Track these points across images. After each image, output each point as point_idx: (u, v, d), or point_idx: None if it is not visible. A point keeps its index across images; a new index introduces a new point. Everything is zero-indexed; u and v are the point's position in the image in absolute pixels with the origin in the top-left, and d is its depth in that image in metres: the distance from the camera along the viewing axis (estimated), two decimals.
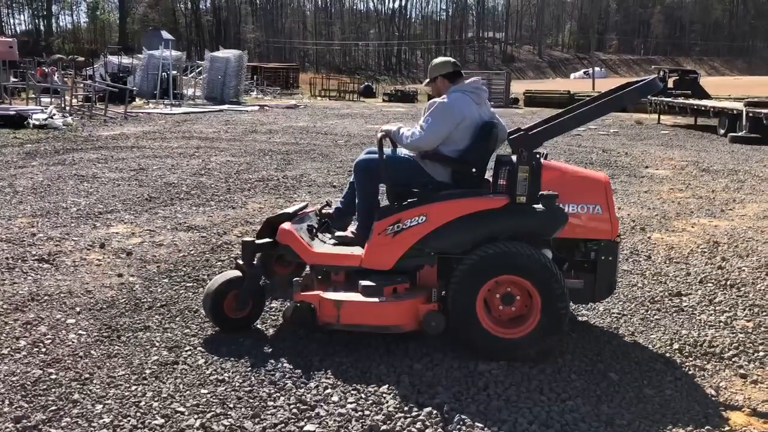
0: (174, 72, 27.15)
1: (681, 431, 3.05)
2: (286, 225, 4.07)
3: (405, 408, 3.13)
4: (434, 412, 3.09)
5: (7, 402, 3.11)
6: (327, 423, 3.01)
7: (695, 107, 20.37)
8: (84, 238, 6.06)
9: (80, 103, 21.57)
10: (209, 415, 3.04)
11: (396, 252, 3.74)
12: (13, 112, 16.36)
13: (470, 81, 4.10)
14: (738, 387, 3.50)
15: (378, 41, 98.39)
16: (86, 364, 3.52)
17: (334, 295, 3.72)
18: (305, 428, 2.97)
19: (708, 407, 3.27)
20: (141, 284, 4.86)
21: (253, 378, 3.42)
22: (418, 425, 3.00)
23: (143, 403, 3.13)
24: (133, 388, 3.27)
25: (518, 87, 39.69)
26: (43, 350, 3.68)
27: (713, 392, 3.43)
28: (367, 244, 3.84)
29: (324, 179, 9.62)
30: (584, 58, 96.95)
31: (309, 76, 50.40)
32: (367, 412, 3.10)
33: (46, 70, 28.50)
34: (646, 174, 10.82)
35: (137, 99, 26.06)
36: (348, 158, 11.54)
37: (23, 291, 4.63)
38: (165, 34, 47.71)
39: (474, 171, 3.92)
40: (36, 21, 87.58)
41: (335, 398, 3.23)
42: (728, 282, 5.19)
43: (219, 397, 3.21)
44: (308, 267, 4.20)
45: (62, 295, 4.56)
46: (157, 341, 3.85)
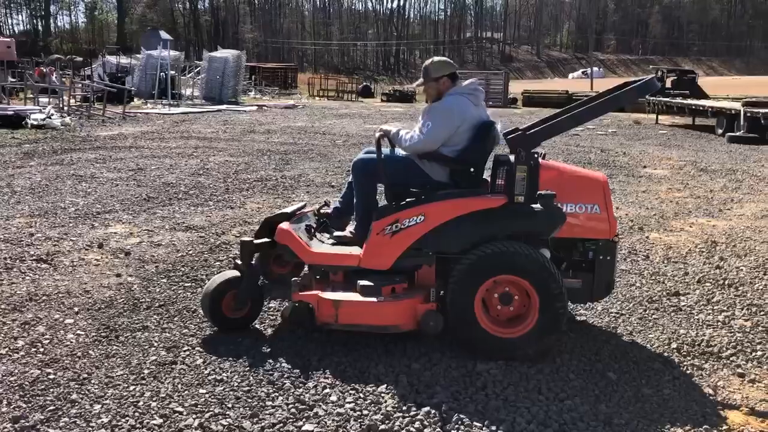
0: (172, 72, 27.12)
1: (679, 430, 3.05)
2: (285, 225, 4.07)
3: (403, 408, 3.14)
4: (432, 412, 3.10)
5: (6, 402, 3.11)
6: (325, 423, 3.02)
7: (693, 107, 20.39)
8: (82, 238, 6.06)
9: (78, 103, 21.57)
10: (208, 415, 3.04)
11: (394, 252, 3.75)
12: (11, 112, 16.33)
13: (468, 83, 4.10)
14: (736, 386, 3.51)
15: (376, 41, 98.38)
16: (84, 364, 3.52)
17: (333, 295, 3.72)
18: (304, 428, 2.97)
19: (706, 406, 3.28)
20: (139, 284, 4.86)
21: (252, 378, 3.42)
22: (417, 425, 3.00)
23: (141, 403, 3.13)
24: (132, 388, 3.27)
25: (516, 87, 39.68)
26: (42, 350, 3.68)
27: (711, 391, 3.44)
28: (366, 244, 3.84)
29: (322, 179, 9.61)
30: (582, 58, 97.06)
31: (307, 76, 50.34)
32: (366, 412, 3.11)
33: (44, 70, 28.49)
34: (644, 174, 10.83)
35: (135, 99, 26.02)
36: (346, 158, 11.53)
37: (21, 291, 4.62)
38: (163, 34, 47.64)
39: (472, 171, 3.93)
40: (34, 21, 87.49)
41: (334, 398, 3.23)
42: (726, 281, 5.20)
43: (217, 397, 3.21)
44: (306, 267, 4.20)
45: (60, 295, 4.56)
46: (156, 341, 3.85)
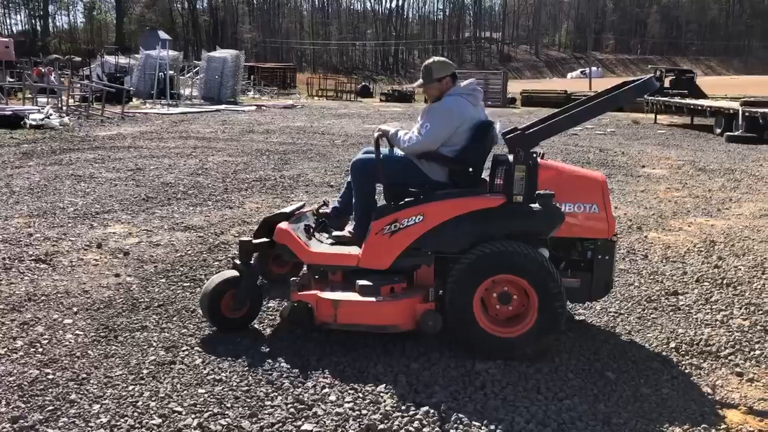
0: (171, 72, 27.10)
1: (677, 429, 3.06)
2: (284, 225, 4.07)
3: (402, 407, 3.14)
4: (431, 411, 3.10)
5: (4, 402, 3.11)
6: (324, 422, 3.02)
7: (692, 107, 20.40)
8: (81, 238, 6.06)
9: (77, 103, 21.53)
10: (206, 415, 3.04)
11: (393, 251, 3.75)
12: (10, 112, 16.30)
13: (467, 83, 4.10)
14: (734, 385, 3.52)
15: (375, 41, 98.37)
16: (83, 364, 3.52)
17: (332, 295, 3.72)
18: (303, 427, 2.97)
19: (704, 405, 3.28)
20: (138, 284, 4.86)
21: (251, 377, 3.42)
22: (416, 424, 3.00)
23: (140, 403, 3.13)
24: (131, 388, 3.27)
25: (515, 87, 39.73)
26: (40, 350, 3.68)
27: (710, 390, 3.45)
28: (364, 244, 3.84)
29: (321, 179, 9.61)
30: (581, 58, 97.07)
31: (306, 76, 50.32)
32: (365, 412, 3.11)
33: (43, 70, 28.50)
34: (643, 173, 10.84)
35: (134, 99, 26.01)
36: (345, 158, 11.53)
37: (20, 291, 4.62)
38: (162, 34, 47.64)
39: (471, 171, 3.93)
40: (32, 21, 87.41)
41: (333, 397, 3.23)
42: (724, 281, 5.20)
43: (216, 397, 3.22)
44: (305, 267, 4.20)
45: (59, 296, 4.56)
46: (155, 341, 3.85)
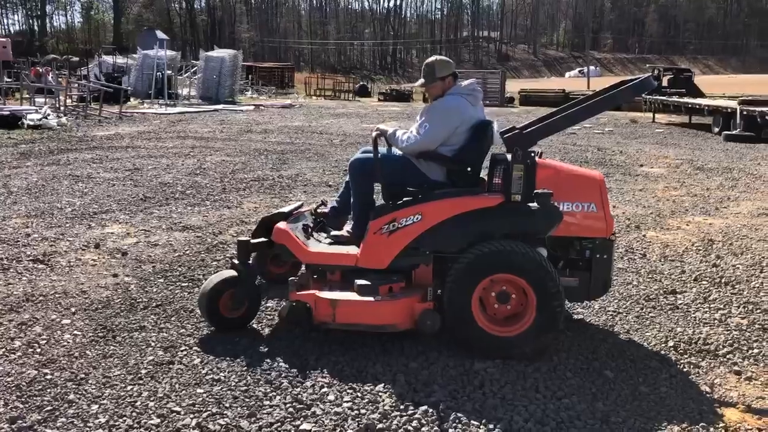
0: (169, 72, 27.08)
1: (676, 428, 3.06)
2: (282, 224, 4.07)
3: (401, 406, 3.14)
4: (430, 411, 3.10)
5: (3, 402, 3.10)
6: (323, 422, 3.02)
7: (690, 106, 20.44)
8: (79, 239, 6.05)
9: (75, 103, 21.53)
10: (205, 415, 3.04)
11: (391, 251, 3.74)
12: (7, 113, 16.28)
13: (467, 83, 4.11)
14: (732, 384, 3.52)
15: (373, 40, 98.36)
16: (82, 365, 3.52)
17: (330, 295, 3.72)
18: (301, 427, 2.97)
19: (703, 404, 3.29)
20: (136, 284, 4.85)
21: (249, 377, 3.42)
22: (414, 423, 3.00)
23: (139, 403, 3.13)
24: (129, 388, 3.27)
25: (513, 86, 39.79)
26: (39, 351, 3.67)
27: (708, 389, 3.45)
28: (363, 244, 3.84)
29: (319, 179, 9.61)
30: (579, 57, 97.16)
31: (304, 76, 50.36)
32: (363, 411, 3.11)
33: (41, 70, 28.46)
34: (641, 172, 10.85)
35: (132, 99, 26.00)
36: (343, 157, 11.53)
37: (18, 291, 4.61)
38: (160, 34, 47.69)
39: (469, 170, 3.93)
40: (30, 21, 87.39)
41: (331, 397, 3.23)
42: (723, 280, 5.21)
43: (215, 397, 3.21)
44: (304, 266, 4.20)
45: (57, 296, 4.55)
46: (153, 341, 3.85)
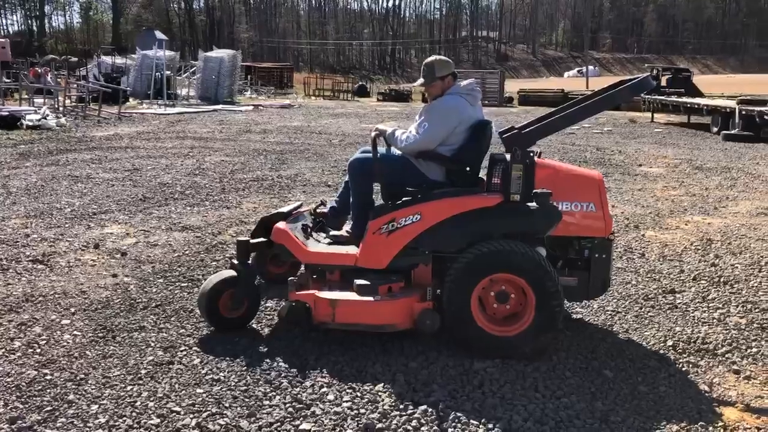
0: (168, 72, 27.06)
1: (675, 427, 3.07)
2: (281, 224, 4.07)
3: (400, 406, 3.14)
4: (429, 410, 3.10)
5: (2, 403, 3.11)
6: (323, 422, 3.02)
7: (688, 105, 20.45)
8: (78, 239, 6.05)
9: (74, 104, 21.51)
10: (205, 415, 3.04)
11: (391, 251, 3.75)
12: (6, 113, 16.28)
13: (466, 83, 4.11)
14: (731, 383, 3.53)
15: (372, 41, 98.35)
16: (81, 365, 3.52)
17: (329, 294, 3.72)
18: (301, 427, 2.97)
19: (702, 403, 3.29)
20: (136, 284, 4.85)
21: (249, 377, 3.42)
22: (414, 423, 3.01)
23: (139, 403, 3.13)
24: (129, 388, 3.27)
25: (512, 86, 39.78)
26: (38, 351, 3.67)
27: (707, 388, 3.46)
28: (362, 243, 3.84)
29: (318, 179, 9.61)
30: (578, 57, 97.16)
31: (303, 76, 50.34)
32: (363, 411, 3.11)
33: (39, 71, 28.45)
34: (640, 172, 10.86)
35: (131, 99, 25.99)
36: (342, 157, 11.53)
37: (17, 292, 4.62)
38: (158, 34, 47.67)
39: (468, 170, 3.94)
40: (29, 21, 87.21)
41: (331, 397, 3.23)
42: (721, 279, 5.21)
43: (215, 397, 3.22)
44: (303, 266, 4.20)
45: (57, 296, 4.56)
46: (153, 341, 3.85)
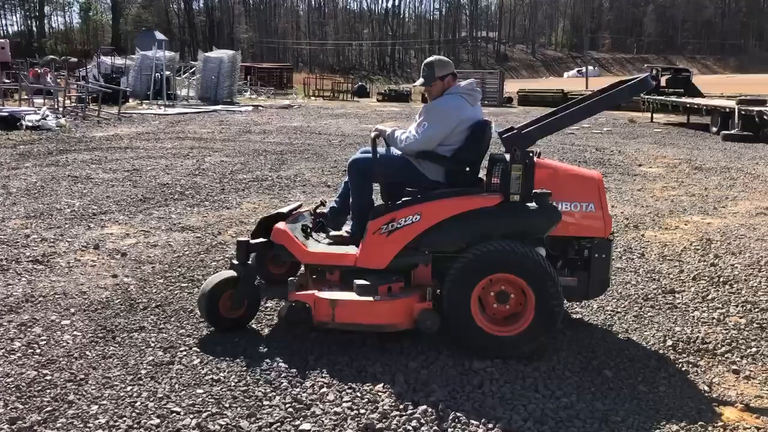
0: (167, 72, 27.07)
1: (675, 427, 3.07)
2: (281, 225, 4.07)
3: (400, 406, 3.15)
4: (429, 410, 3.11)
5: (2, 403, 3.11)
6: (323, 422, 3.02)
7: (688, 105, 20.46)
8: (78, 239, 6.05)
9: (73, 104, 21.49)
10: (205, 415, 3.05)
11: (390, 251, 3.75)
12: (6, 114, 16.28)
13: (466, 83, 4.12)
14: (731, 383, 3.53)
15: (371, 41, 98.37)
16: (81, 365, 3.52)
17: (329, 295, 3.72)
18: (301, 427, 2.98)
19: (701, 403, 3.30)
20: (136, 285, 4.85)
21: (249, 377, 3.42)
22: (414, 423, 3.01)
23: (139, 404, 3.13)
24: (129, 389, 3.27)
25: (512, 86, 39.78)
26: (38, 351, 3.68)
27: (706, 388, 3.46)
28: (362, 244, 3.85)
29: (318, 179, 9.62)
30: (577, 57, 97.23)
31: (303, 76, 50.31)
32: (363, 411, 3.11)
33: (39, 71, 28.44)
34: (640, 172, 10.86)
35: (131, 100, 25.98)
36: (342, 158, 11.54)
37: (17, 292, 4.62)
38: (158, 35, 47.69)
39: (468, 170, 3.94)
40: (28, 22, 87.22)
41: (331, 397, 3.24)
42: (721, 279, 5.22)
43: (215, 397, 3.22)
44: (303, 266, 4.21)
45: (57, 297, 4.56)
46: (153, 342, 3.85)
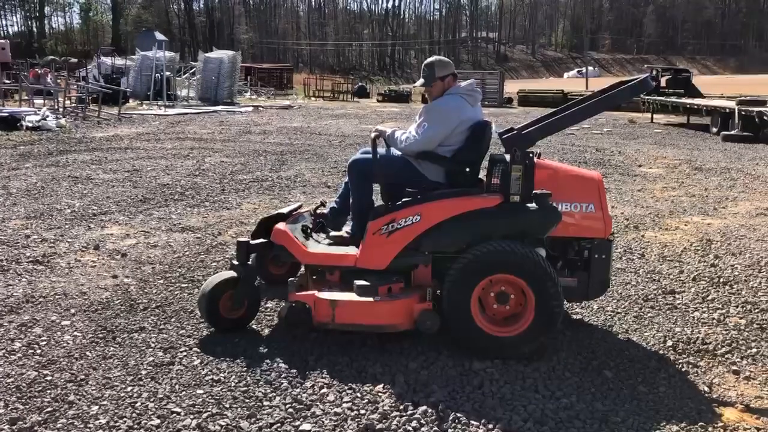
0: (167, 73, 27.08)
1: (675, 428, 3.07)
2: (281, 225, 4.08)
3: (400, 407, 3.15)
4: (429, 411, 3.11)
5: (3, 404, 3.11)
6: (323, 422, 3.03)
7: (688, 106, 20.47)
8: (78, 240, 6.05)
9: (73, 105, 21.49)
10: (205, 416, 3.05)
11: (390, 251, 3.75)
12: (6, 114, 16.28)
13: (466, 83, 4.12)
14: (731, 383, 3.53)
15: (372, 41, 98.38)
16: (81, 366, 3.52)
17: (329, 295, 3.72)
18: (301, 428, 2.98)
19: (701, 404, 3.30)
20: (136, 285, 4.85)
21: (249, 378, 3.42)
22: (414, 424, 3.01)
23: (139, 404, 3.13)
24: (129, 389, 3.28)
25: (512, 87, 39.80)
26: (38, 352, 3.68)
27: (706, 389, 3.46)
28: (362, 244, 3.85)
29: (318, 179, 9.62)
30: (578, 58, 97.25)
31: (303, 77, 50.36)
32: (363, 411, 3.12)
33: (39, 72, 28.47)
34: (640, 173, 10.86)
35: (131, 100, 25.99)
36: (342, 158, 11.54)
37: (18, 293, 4.62)
38: (158, 35, 47.70)
39: (468, 170, 3.94)
40: (28, 22, 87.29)
41: (331, 397, 3.24)
42: (721, 279, 5.22)
43: (215, 398, 3.22)
44: (303, 267, 4.21)
45: (57, 297, 4.56)
46: (153, 342, 3.85)
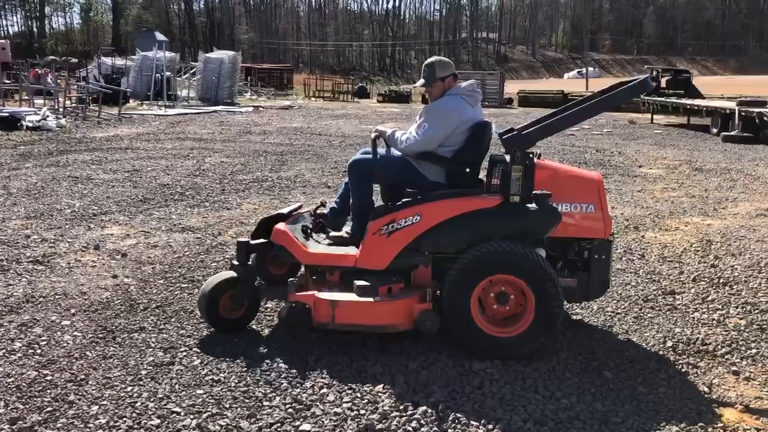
0: (168, 73, 27.08)
1: (675, 428, 3.07)
2: (281, 225, 4.08)
3: (400, 407, 3.15)
4: (429, 411, 3.11)
5: (3, 403, 3.11)
6: (323, 422, 3.03)
7: (688, 107, 20.47)
8: (78, 240, 6.05)
9: (74, 105, 21.50)
10: (205, 416, 3.05)
11: (390, 252, 3.75)
12: (7, 114, 16.28)
13: (467, 84, 4.12)
14: (731, 384, 3.53)
15: (372, 42, 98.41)
16: (82, 366, 3.52)
17: (329, 295, 3.73)
18: (301, 428, 2.98)
19: (701, 404, 3.30)
20: (136, 285, 4.86)
21: (249, 378, 3.43)
22: (414, 424, 3.01)
23: (139, 404, 3.14)
24: (129, 389, 3.28)
25: (512, 87, 39.77)
26: (39, 352, 3.68)
27: (706, 389, 3.46)
28: (362, 244, 3.85)
29: (318, 180, 9.62)
30: (578, 58, 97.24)
31: (303, 77, 50.37)
32: (363, 411, 3.12)
33: (40, 72, 28.46)
34: (640, 173, 10.86)
35: (131, 100, 25.99)
36: (342, 159, 11.54)
37: (18, 293, 4.62)
38: (158, 36, 47.70)
39: (468, 171, 3.94)
40: (29, 23, 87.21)
41: (331, 398, 3.24)
42: (721, 280, 5.22)
43: (215, 398, 3.22)
44: (303, 267, 4.21)
45: (57, 297, 4.56)
46: (153, 342, 3.85)
